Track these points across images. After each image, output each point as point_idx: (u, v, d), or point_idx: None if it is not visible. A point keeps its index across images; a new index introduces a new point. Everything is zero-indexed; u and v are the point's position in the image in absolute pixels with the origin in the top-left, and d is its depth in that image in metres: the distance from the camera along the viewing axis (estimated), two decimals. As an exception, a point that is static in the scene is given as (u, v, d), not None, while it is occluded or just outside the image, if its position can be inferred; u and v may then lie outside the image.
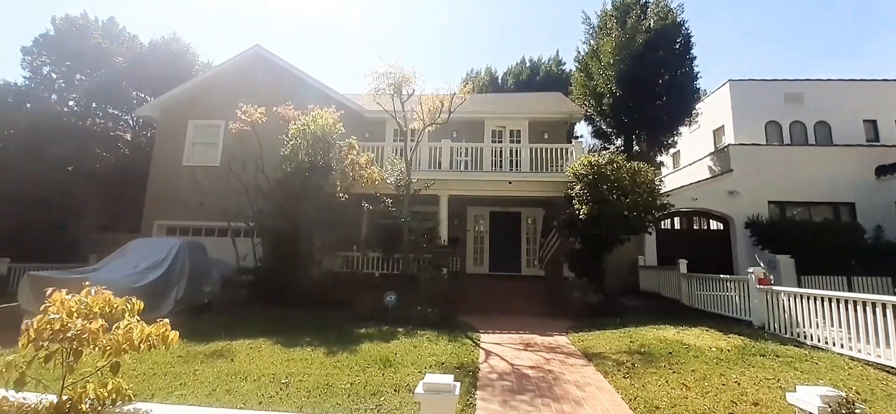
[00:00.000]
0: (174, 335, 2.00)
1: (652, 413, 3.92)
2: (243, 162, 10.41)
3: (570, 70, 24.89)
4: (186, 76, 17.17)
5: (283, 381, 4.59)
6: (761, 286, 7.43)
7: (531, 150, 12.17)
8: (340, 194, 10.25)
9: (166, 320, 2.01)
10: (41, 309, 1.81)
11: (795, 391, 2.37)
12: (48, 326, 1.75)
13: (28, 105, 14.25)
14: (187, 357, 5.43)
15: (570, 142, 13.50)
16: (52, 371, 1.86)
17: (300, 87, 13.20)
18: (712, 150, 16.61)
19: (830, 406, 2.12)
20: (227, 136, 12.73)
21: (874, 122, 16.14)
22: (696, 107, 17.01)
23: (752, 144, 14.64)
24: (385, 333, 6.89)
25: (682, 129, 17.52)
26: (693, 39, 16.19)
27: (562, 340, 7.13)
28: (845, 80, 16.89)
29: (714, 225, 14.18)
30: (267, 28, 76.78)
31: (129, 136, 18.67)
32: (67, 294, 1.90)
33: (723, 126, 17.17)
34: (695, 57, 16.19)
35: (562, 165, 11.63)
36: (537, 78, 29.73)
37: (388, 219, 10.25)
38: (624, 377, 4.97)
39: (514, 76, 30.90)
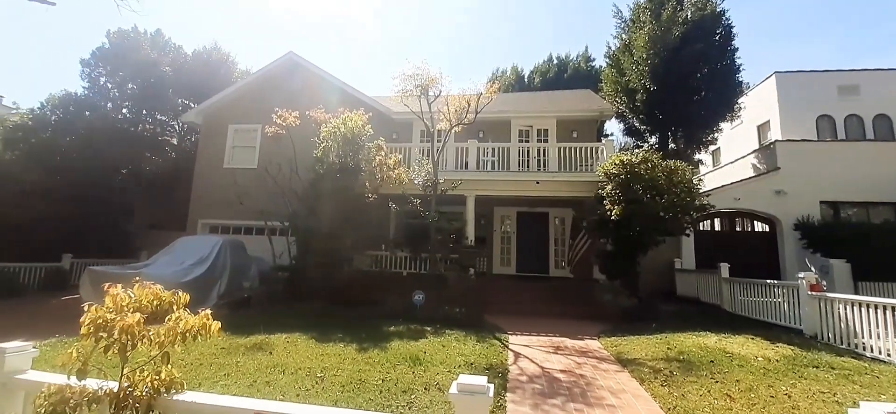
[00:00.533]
0: (216, 326, 2.09)
1: (693, 424, 3.75)
2: (278, 164, 10.86)
3: (600, 66, 24.21)
4: (226, 83, 18.11)
5: (318, 375, 4.74)
6: (813, 293, 6.93)
7: (559, 149, 11.93)
8: (369, 195, 10.47)
9: (208, 311, 2.11)
10: (92, 306, 1.94)
11: (859, 407, 2.19)
12: (103, 319, 1.89)
13: (87, 113, 15.46)
14: (230, 349, 5.72)
15: (600, 140, 13.13)
16: (111, 359, 2.00)
17: (331, 91, 13.60)
18: (756, 146, 15.62)
19: None
20: (263, 140, 13.32)
21: (945, 114, 14.65)
22: (739, 101, 16.04)
23: (802, 140, 13.65)
24: (413, 332, 6.97)
25: (723, 125, 16.56)
26: (734, 30, 15.31)
27: (593, 344, 6.95)
28: (911, 69, 15.41)
29: (758, 226, 13.35)
30: (297, 34, 79.63)
31: (174, 141, 19.91)
32: (122, 289, 2.04)
33: (768, 121, 16.11)
34: (737, 48, 15.32)
35: (591, 165, 11.32)
36: (565, 75, 29.09)
37: (416, 219, 10.36)
38: (661, 385, 4.77)
39: (541, 74, 30.38)
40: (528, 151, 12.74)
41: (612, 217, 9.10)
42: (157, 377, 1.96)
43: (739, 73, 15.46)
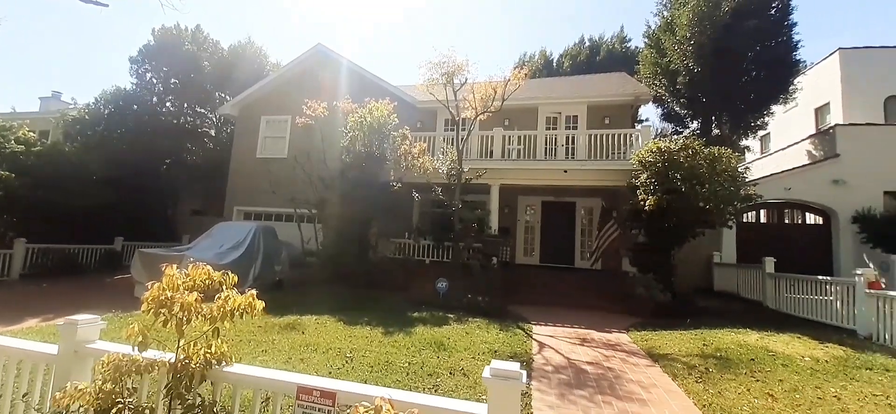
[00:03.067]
0: (260, 305, 2.20)
1: (729, 423, 3.52)
2: (307, 153, 11.15)
3: (637, 47, 22.96)
4: (259, 76, 18.75)
5: (348, 355, 4.88)
6: (871, 291, 6.33)
7: (589, 136, 11.46)
8: (394, 183, 10.56)
9: (253, 291, 2.22)
10: (150, 283, 2.08)
11: None
12: (164, 296, 2.03)
13: (135, 107, 16.56)
14: (266, 327, 5.99)
15: (635, 126, 12.49)
16: (166, 333, 2.16)
17: (357, 81, 13.75)
18: (813, 131, 14.33)
19: None
20: (293, 130, 13.70)
21: None
22: (795, 82, 14.65)
23: (867, 124, 12.33)
24: (437, 318, 7.01)
25: (775, 108, 15.18)
26: (793, 3, 13.91)
27: (622, 337, 6.70)
28: None
29: (810, 219, 12.31)
30: (325, 23, 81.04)
31: (213, 132, 20.94)
32: (177, 268, 2.18)
33: (828, 103, 14.69)
34: (795, 23, 13.84)
35: (625, 152, 10.81)
36: (597, 58, 27.82)
37: (439, 207, 10.35)
38: (696, 382, 4.54)
39: (571, 58, 29.20)
40: (556, 139, 12.33)
41: (646, 207, 8.67)
42: (209, 351, 2.09)
43: (797, 50, 14.05)
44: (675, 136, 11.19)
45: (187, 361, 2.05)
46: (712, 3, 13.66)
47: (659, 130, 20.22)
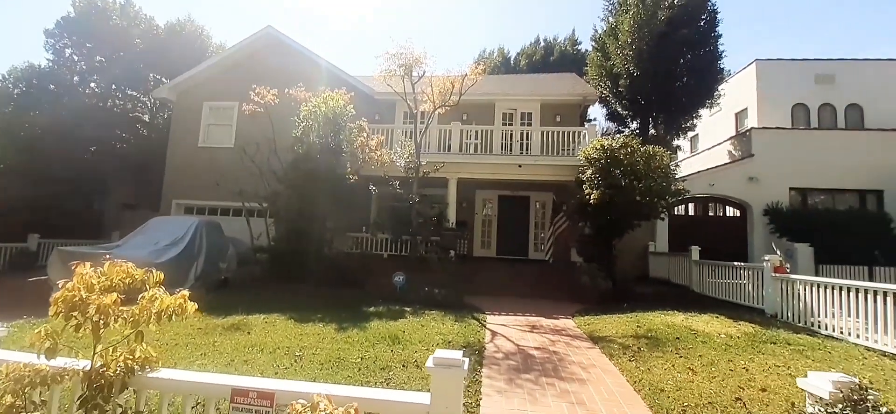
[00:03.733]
0: (192, 306, 2.07)
1: (656, 395, 3.91)
2: (257, 143, 10.59)
3: (587, 50, 24.18)
4: (201, 58, 17.36)
5: (297, 354, 4.76)
6: (777, 274, 7.27)
7: (542, 133, 11.98)
8: (351, 176, 10.35)
9: (185, 291, 2.09)
10: (63, 283, 1.89)
11: (806, 377, 2.35)
12: (72, 298, 1.84)
13: (52, 87, 14.71)
14: (207, 329, 5.66)
15: (584, 125, 13.23)
16: (82, 339, 1.97)
17: (311, 69, 13.21)
18: (733, 133, 16.02)
19: (842, 392, 2.08)
20: (240, 118, 12.91)
21: (912, 105, 15.24)
22: (719, 88, 16.30)
23: (776, 128, 14.06)
24: (393, 313, 7.03)
25: (703, 111, 16.85)
26: (719, 16, 15.43)
27: (568, 323, 7.16)
28: (882, 59, 15.87)
29: (730, 212, 13.82)
30: (276, 8, 76.47)
31: (146, 118, 19.13)
32: (91, 267, 1.98)
33: (746, 108, 16.50)
34: (720, 35, 15.44)
35: (574, 149, 11.44)
36: (551, 58, 28.95)
37: (398, 201, 10.34)
38: (629, 360, 4.98)
39: (528, 57, 30.15)
40: (512, 135, 12.75)
41: (591, 201, 9.27)
42: (131, 356, 1.95)
43: (721, 59, 15.65)
44: (618, 135, 12.00)
45: (104, 368, 1.90)
46: (650, 12, 14.78)
47: (604, 129, 21.55)
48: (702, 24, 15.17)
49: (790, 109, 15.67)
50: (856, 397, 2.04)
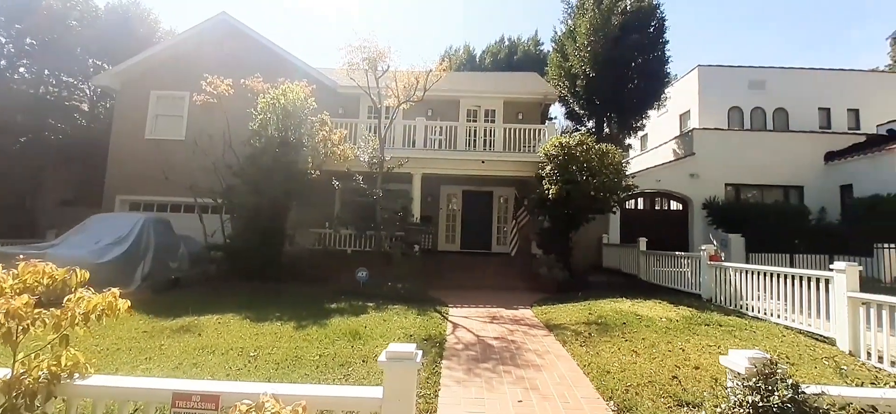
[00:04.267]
0: (124, 304, 1.96)
1: (603, 377, 4.20)
2: (210, 136, 10.07)
3: (548, 51, 24.95)
4: (147, 44, 16.16)
5: (252, 354, 4.65)
6: (712, 262, 7.95)
7: (505, 130, 12.31)
8: (312, 171, 10.12)
9: (114, 290, 1.97)
10: None
11: (728, 355, 2.63)
12: None
13: (-31, 70, 13.14)
14: (153, 332, 5.39)
15: (545, 123, 13.71)
16: (8, 348, 1.85)
17: (269, 59, 12.72)
18: (678, 133, 17.26)
19: (755, 367, 2.34)
20: (192, 109, 12.18)
21: (828, 110, 17.09)
22: (666, 91, 17.52)
23: (714, 129, 15.33)
24: (356, 308, 7.02)
25: (651, 112, 18.04)
26: (667, 23, 16.54)
27: (527, 313, 7.47)
28: (805, 68, 17.74)
29: (674, 206, 14.91)
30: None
31: (86, 107, 17.54)
32: (2, 269, 1.85)
33: (689, 110, 17.82)
34: (667, 41, 16.59)
35: (534, 146, 11.85)
36: (515, 57, 29.60)
37: (361, 197, 10.24)
38: (580, 346, 5.30)
39: (492, 55, 30.65)
40: (476, 131, 12.99)
41: (550, 196, 9.68)
42: (56, 363, 1.85)
43: (668, 64, 16.83)
44: (574, 133, 12.58)
45: (26, 376, 1.80)
46: (605, 17, 15.58)
47: (563, 127, 22.41)
48: (651, 30, 16.18)
49: (727, 112, 17.13)
50: (767, 371, 2.30)
